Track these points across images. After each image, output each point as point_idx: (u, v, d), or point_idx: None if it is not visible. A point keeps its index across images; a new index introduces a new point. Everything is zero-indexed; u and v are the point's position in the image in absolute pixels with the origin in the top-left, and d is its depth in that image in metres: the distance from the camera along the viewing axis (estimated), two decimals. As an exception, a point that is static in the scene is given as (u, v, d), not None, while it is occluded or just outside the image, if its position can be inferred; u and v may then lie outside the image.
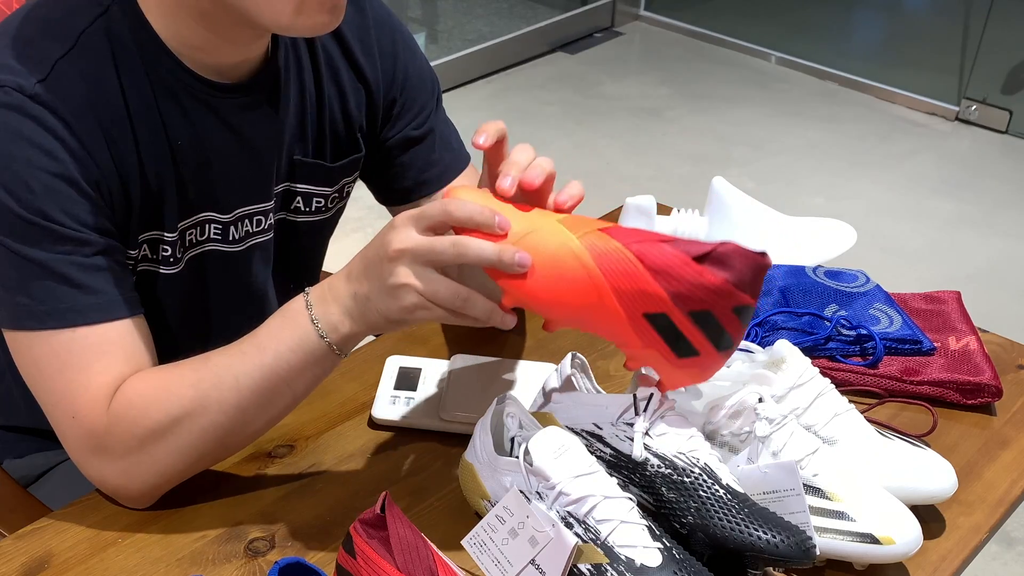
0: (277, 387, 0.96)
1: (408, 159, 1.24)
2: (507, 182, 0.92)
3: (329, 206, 1.21)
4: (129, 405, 0.97)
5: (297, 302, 0.96)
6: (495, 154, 0.99)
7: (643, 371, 1.07)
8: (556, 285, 0.88)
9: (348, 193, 1.25)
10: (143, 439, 0.97)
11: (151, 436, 0.97)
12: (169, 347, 1.08)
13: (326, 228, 1.25)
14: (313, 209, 1.20)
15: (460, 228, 0.90)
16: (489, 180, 0.98)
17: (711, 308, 0.87)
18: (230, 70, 1.04)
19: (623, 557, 0.90)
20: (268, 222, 1.14)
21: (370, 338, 1.35)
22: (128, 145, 0.99)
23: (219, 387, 0.96)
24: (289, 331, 0.95)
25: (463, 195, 0.91)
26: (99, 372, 0.97)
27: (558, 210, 0.95)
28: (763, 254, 0.88)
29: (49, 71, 0.94)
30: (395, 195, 1.27)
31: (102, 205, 0.97)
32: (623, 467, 0.99)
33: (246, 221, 1.12)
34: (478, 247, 0.87)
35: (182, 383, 0.97)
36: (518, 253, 0.88)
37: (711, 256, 0.87)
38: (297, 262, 1.24)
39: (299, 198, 1.18)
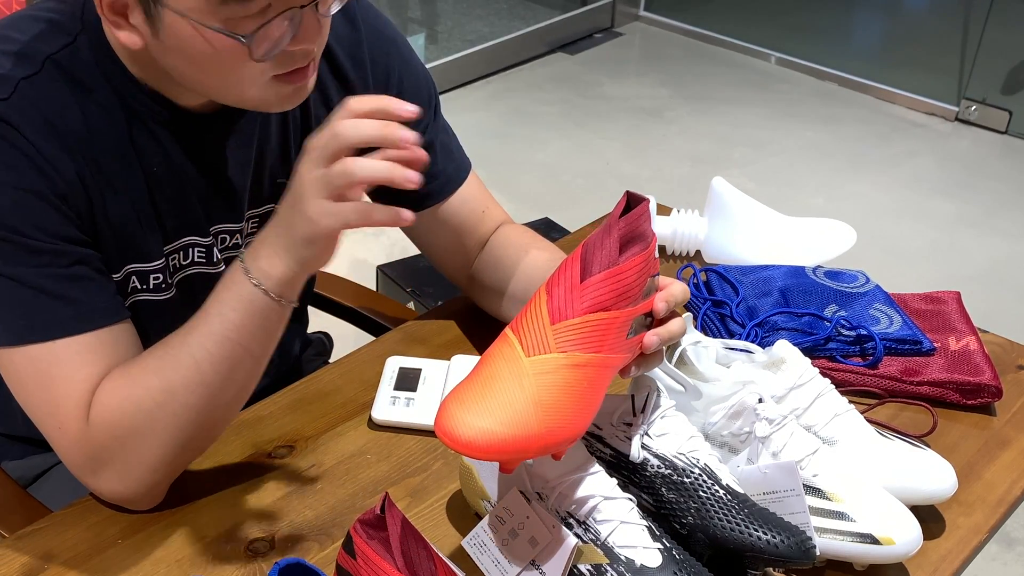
0: (232, 352, 0.95)
1: None
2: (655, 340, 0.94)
3: None
4: (104, 408, 0.96)
5: (234, 262, 0.95)
6: None
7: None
8: (589, 401, 0.87)
9: None
10: (124, 439, 0.97)
11: (131, 435, 0.97)
12: None
13: None
14: None
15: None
16: None
17: (651, 273, 0.92)
18: (203, 106, 1.04)
19: (623, 557, 0.90)
20: (234, 241, 1.14)
21: (370, 339, 1.35)
22: (94, 169, 0.99)
23: (179, 368, 0.95)
24: (227, 290, 0.94)
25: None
26: (82, 381, 0.96)
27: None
28: (634, 195, 0.92)
29: (12, 91, 0.95)
30: None
31: (72, 216, 0.97)
32: (623, 467, 0.99)
33: (217, 240, 1.12)
34: (351, 129, 0.87)
35: (147, 373, 0.96)
36: (408, 171, 0.87)
37: (623, 242, 0.90)
38: None
39: None
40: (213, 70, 0.93)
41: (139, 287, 1.07)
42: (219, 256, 1.13)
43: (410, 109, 0.88)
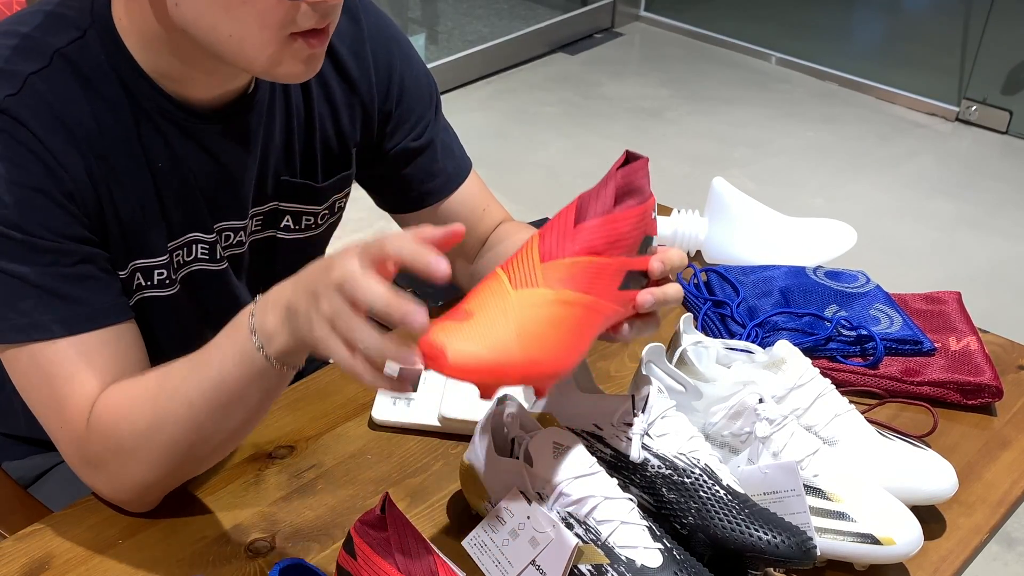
0: (227, 402, 0.93)
1: (410, 171, 1.24)
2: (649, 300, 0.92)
3: (319, 223, 1.21)
4: (99, 420, 0.96)
5: (246, 309, 0.91)
6: None
7: (643, 371, 1.07)
8: (575, 340, 0.86)
9: (340, 208, 1.24)
10: (116, 452, 0.97)
11: (122, 451, 0.97)
12: None
13: (319, 243, 1.24)
14: (303, 227, 1.20)
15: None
16: None
17: (647, 231, 0.92)
18: (211, 99, 1.04)
19: (624, 558, 0.90)
20: (238, 238, 1.14)
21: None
22: (102, 165, 0.99)
23: (173, 402, 0.94)
24: (231, 343, 0.91)
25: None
26: (83, 381, 0.96)
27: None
28: (633, 154, 0.92)
29: (21, 86, 0.94)
30: (400, 206, 1.27)
31: (79, 215, 0.97)
32: (623, 468, 0.99)
33: (220, 238, 1.12)
34: (367, 288, 0.79)
35: (145, 397, 0.95)
36: (404, 305, 0.78)
37: (620, 195, 0.90)
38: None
39: (288, 217, 1.18)
40: (237, 12, 0.91)
41: (144, 283, 1.07)
42: (222, 254, 1.13)
43: (443, 272, 0.79)
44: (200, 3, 0.92)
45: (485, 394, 0.85)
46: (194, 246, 1.10)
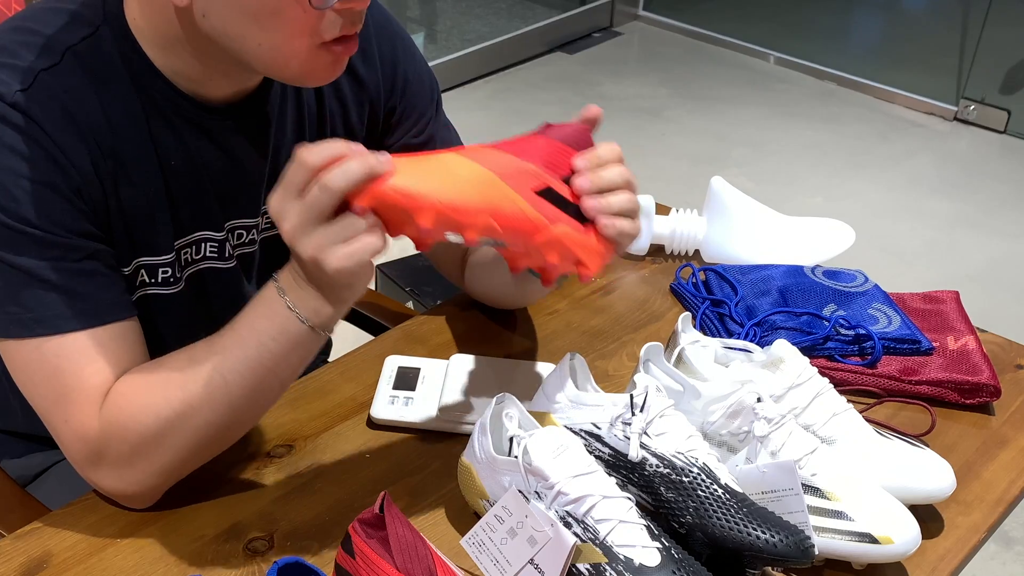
0: (264, 378, 0.96)
1: None
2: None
3: None
4: (119, 410, 0.96)
5: (269, 290, 0.95)
6: None
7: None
8: (455, 185, 0.89)
9: None
10: (136, 444, 0.97)
11: (144, 440, 0.97)
12: None
13: None
14: None
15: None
16: None
17: (568, 172, 0.98)
18: (225, 96, 1.04)
19: (622, 556, 0.90)
20: (249, 236, 1.14)
21: (369, 338, 1.35)
22: (112, 161, 0.99)
23: (207, 386, 0.95)
24: (267, 320, 0.94)
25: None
26: (90, 376, 0.96)
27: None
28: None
29: (32, 82, 0.95)
30: None
31: (86, 210, 0.97)
32: (622, 467, 0.99)
33: (231, 236, 1.12)
34: (343, 173, 0.85)
35: (169, 385, 0.96)
36: (379, 154, 0.86)
37: (544, 131, 1.00)
38: None
39: None
40: (267, 23, 0.91)
41: (148, 280, 1.07)
42: (232, 252, 1.13)
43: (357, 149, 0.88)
44: (229, 14, 0.92)
45: (358, 210, 0.88)
46: (203, 244, 1.10)
